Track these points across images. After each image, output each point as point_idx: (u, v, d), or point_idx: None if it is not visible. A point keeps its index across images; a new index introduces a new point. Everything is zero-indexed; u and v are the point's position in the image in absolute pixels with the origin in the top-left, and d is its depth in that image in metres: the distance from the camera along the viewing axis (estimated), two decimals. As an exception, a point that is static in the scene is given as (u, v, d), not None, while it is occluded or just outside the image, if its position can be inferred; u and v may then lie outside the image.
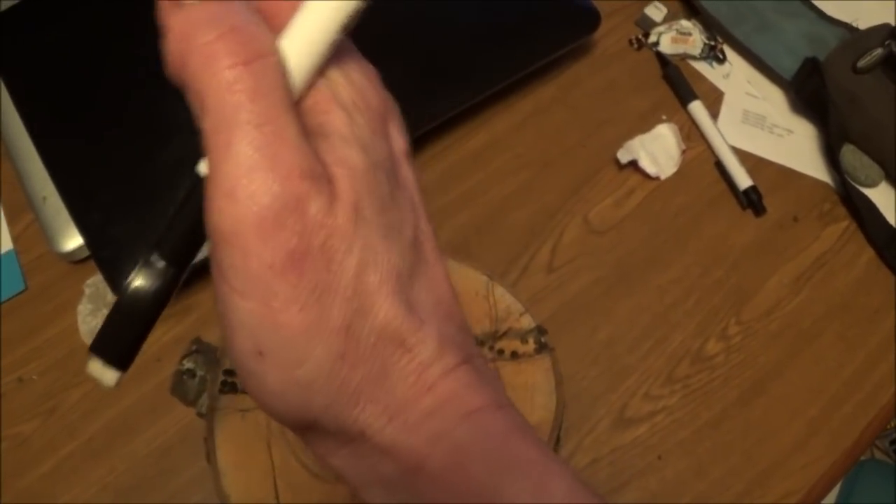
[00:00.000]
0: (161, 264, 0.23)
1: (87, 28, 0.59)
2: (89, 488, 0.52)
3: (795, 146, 0.66)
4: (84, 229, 0.55)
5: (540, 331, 0.45)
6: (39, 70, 0.58)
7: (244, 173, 0.20)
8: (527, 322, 0.45)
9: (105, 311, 0.57)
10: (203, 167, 0.21)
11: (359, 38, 0.58)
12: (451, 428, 0.22)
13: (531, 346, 0.45)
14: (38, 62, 0.58)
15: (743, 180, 0.62)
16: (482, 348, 0.44)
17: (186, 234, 0.23)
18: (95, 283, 0.57)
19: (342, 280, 0.21)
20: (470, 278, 0.46)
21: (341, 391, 0.22)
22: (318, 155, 0.21)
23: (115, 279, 0.53)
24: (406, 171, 0.26)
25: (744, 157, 0.64)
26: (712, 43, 0.68)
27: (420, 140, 0.62)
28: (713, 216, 0.62)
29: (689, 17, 0.70)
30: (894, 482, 1.39)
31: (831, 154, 0.63)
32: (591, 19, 0.64)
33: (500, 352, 0.45)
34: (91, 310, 0.57)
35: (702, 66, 0.69)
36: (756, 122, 0.66)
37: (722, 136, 0.64)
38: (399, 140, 0.26)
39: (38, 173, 0.57)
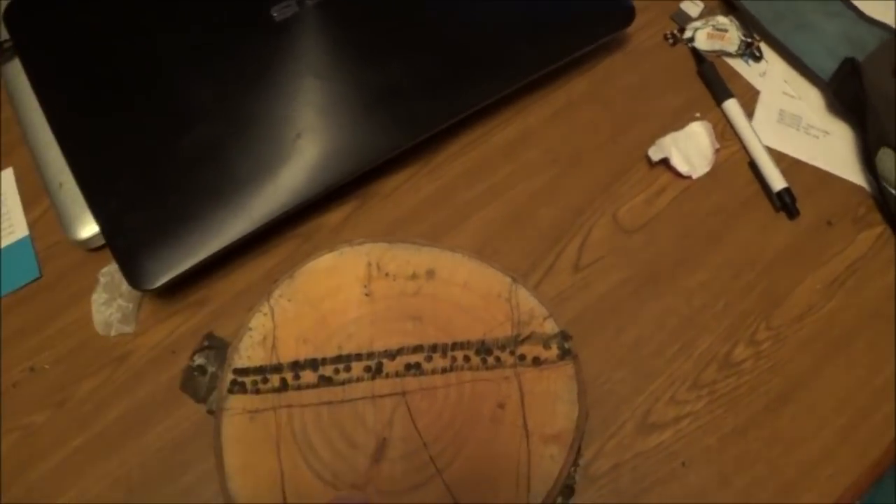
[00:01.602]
0: None
1: (108, 11, 0.57)
2: (99, 482, 0.51)
3: (831, 148, 0.64)
4: (100, 217, 0.54)
5: (564, 336, 0.43)
6: (59, 54, 0.57)
7: None
8: (550, 327, 0.44)
9: (120, 301, 0.56)
10: None
11: (389, 28, 0.57)
12: None
13: (554, 352, 0.43)
14: (58, 46, 0.57)
15: (777, 182, 0.60)
16: (503, 353, 0.43)
17: None
18: (111, 272, 0.56)
19: None
20: (492, 279, 0.44)
21: None
22: None
23: (130, 268, 0.52)
24: None
25: (778, 157, 0.62)
26: (749, 40, 0.67)
27: (450, 130, 0.60)
28: (745, 218, 0.61)
29: (726, 14, 0.68)
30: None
31: (868, 157, 0.61)
32: (626, 13, 0.62)
33: (522, 357, 0.43)
34: (106, 299, 0.56)
35: (738, 64, 0.67)
36: (792, 122, 0.65)
37: (757, 135, 0.62)
38: None
39: (56, 159, 0.56)
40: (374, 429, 0.42)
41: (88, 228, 0.56)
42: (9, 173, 0.60)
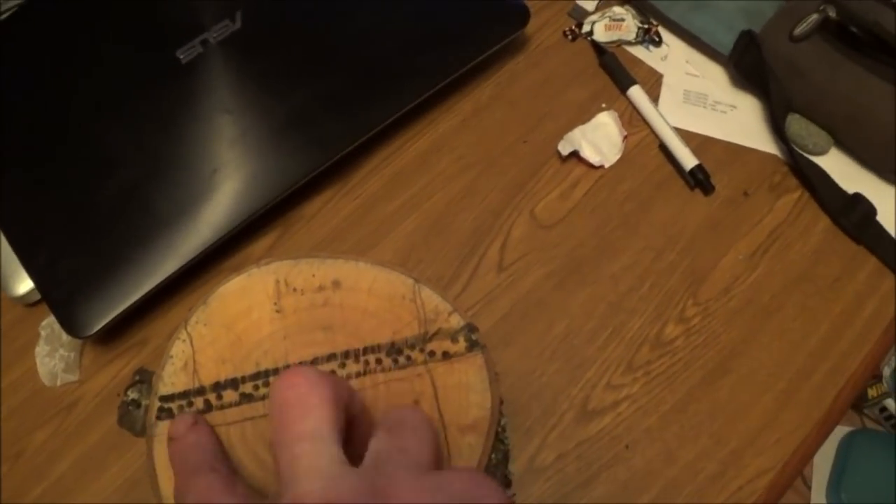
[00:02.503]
0: None
1: (15, 68, 0.59)
2: (62, 529, 0.52)
3: (740, 121, 0.65)
4: (31, 271, 0.55)
5: (470, 328, 0.44)
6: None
7: None
8: (456, 321, 0.45)
9: (62, 351, 0.57)
10: None
11: (292, 55, 0.59)
12: None
13: (462, 344, 0.44)
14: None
15: (688, 160, 0.61)
16: (413, 351, 0.44)
17: None
18: (50, 323, 0.57)
19: None
20: (395, 283, 0.45)
21: None
22: None
23: (67, 318, 0.54)
24: None
25: (689, 137, 0.64)
26: (646, 26, 0.68)
27: (364, 149, 0.61)
28: (662, 199, 0.62)
29: (621, 4, 0.69)
30: (887, 450, 1.39)
31: (776, 125, 0.62)
32: (520, 14, 0.63)
33: (432, 353, 0.44)
34: (48, 351, 0.57)
35: (638, 51, 0.68)
36: (698, 100, 0.66)
37: (663, 118, 0.63)
38: None
39: (-14, 219, 0.58)
40: None
41: (24, 284, 0.57)
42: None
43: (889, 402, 1.44)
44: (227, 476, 0.38)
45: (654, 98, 0.65)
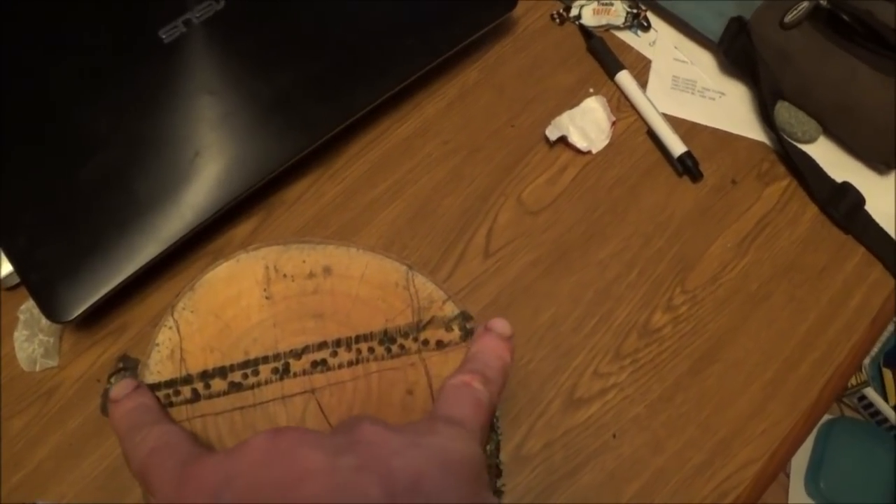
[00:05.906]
0: None
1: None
2: (39, 517, 0.51)
3: (729, 108, 0.65)
4: (11, 254, 0.54)
5: (464, 317, 0.43)
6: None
7: None
8: (450, 309, 0.44)
9: (41, 336, 0.56)
10: None
11: (276, 37, 0.57)
12: None
13: (456, 333, 0.43)
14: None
15: (676, 147, 0.61)
16: (406, 340, 0.43)
17: None
18: (29, 308, 0.56)
19: None
20: (388, 270, 0.44)
21: None
22: None
23: (46, 302, 0.52)
24: None
25: (677, 123, 0.63)
26: (635, 11, 0.67)
27: (348, 132, 0.60)
28: (650, 186, 0.61)
29: (611, -13, 0.69)
30: (865, 439, 1.40)
31: (765, 112, 0.62)
32: (508, -2, 0.63)
33: (425, 342, 0.43)
34: (27, 336, 0.56)
35: (627, 36, 0.68)
36: (686, 87, 0.65)
37: (652, 104, 0.63)
38: None
39: (-35, 202, 0.56)
40: None
41: (3, 267, 0.56)
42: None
43: (868, 391, 1.45)
44: (184, 430, 0.38)
45: (643, 84, 0.65)
